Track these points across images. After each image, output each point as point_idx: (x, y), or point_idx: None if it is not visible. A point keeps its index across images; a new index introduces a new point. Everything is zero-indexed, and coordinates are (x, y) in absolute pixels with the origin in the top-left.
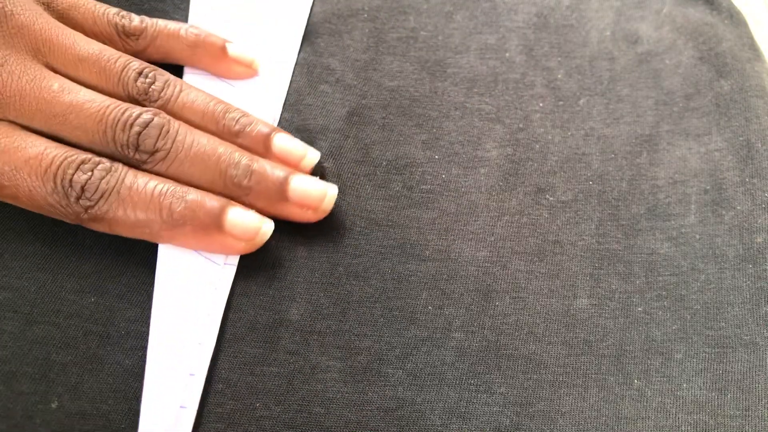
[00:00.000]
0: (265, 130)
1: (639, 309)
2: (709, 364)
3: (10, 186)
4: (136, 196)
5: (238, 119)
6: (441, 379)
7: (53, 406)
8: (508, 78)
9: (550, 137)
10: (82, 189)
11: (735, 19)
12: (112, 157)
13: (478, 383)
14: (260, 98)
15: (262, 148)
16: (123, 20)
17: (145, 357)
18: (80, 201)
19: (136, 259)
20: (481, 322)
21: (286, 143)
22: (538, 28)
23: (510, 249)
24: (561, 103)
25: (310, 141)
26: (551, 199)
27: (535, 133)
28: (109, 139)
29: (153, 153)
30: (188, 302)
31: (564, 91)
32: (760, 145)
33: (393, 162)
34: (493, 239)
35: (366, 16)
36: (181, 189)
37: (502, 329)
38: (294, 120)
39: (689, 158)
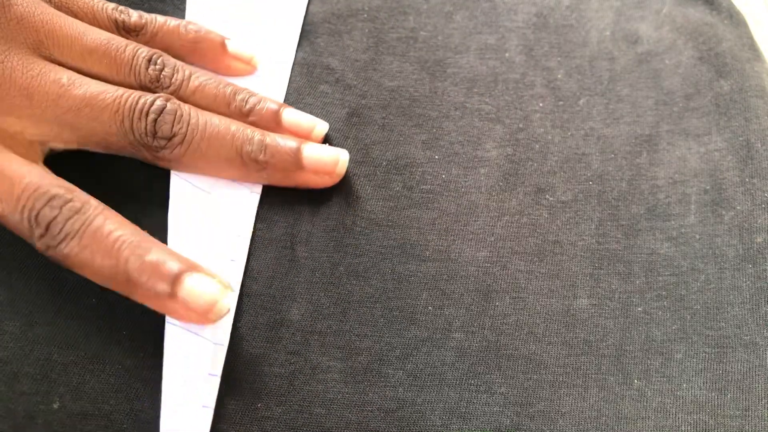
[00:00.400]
0: (274, 106)
1: (639, 309)
2: (709, 364)
3: None
4: (98, 243)
5: (248, 99)
6: (441, 380)
7: (55, 406)
8: (508, 78)
9: (550, 137)
10: (47, 227)
11: (735, 19)
12: (129, 146)
13: (479, 383)
14: None
15: (273, 123)
16: (122, 15)
17: (147, 357)
18: (43, 239)
19: None
20: (481, 323)
21: (295, 117)
22: (537, 28)
23: (510, 249)
24: (561, 103)
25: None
26: (551, 199)
27: (535, 133)
28: (128, 129)
29: (170, 138)
30: None
31: (564, 91)
32: (759, 145)
33: (393, 162)
34: (493, 239)
35: (366, 16)
36: (145, 245)
37: (502, 329)
38: None
39: (689, 158)
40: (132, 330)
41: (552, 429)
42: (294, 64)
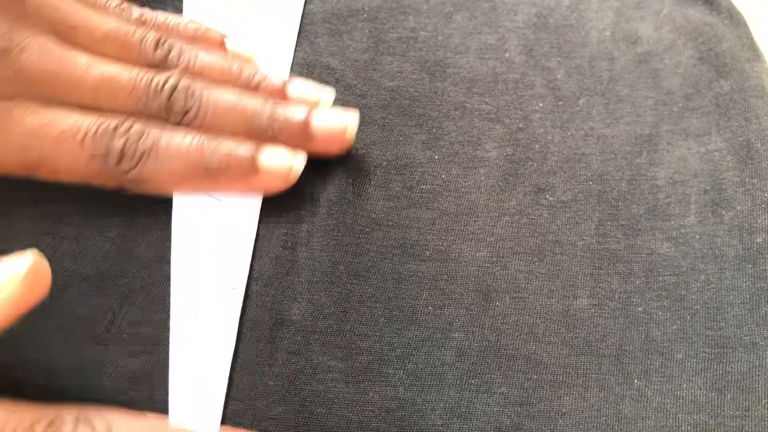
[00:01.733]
0: (279, 82)
1: (639, 309)
2: (709, 364)
3: (49, 160)
4: (174, 152)
5: (254, 74)
6: (441, 379)
7: None
8: (507, 78)
9: (549, 137)
10: (121, 154)
11: (735, 19)
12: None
13: (479, 383)
14: None
15: (279, 97)
16: (124, 13)
17: (148, 361)
18: (121, 165)
19: (137, 260)
20: (481, 322)
21: (301, 90)
22: (537, 28)
23: (510, 249)
24: (561, 103)
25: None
26: (551, 199)
27: (534, 133)
28: (142, 107)
29: (184, 114)
30: (207, 304)
31: (564, 91)
32: (759, 145)
33: (393, 162)
34: (493, 239)
35: (366, 16)
36: (214, 140)
37: (502, 329)
38: None
39: (689, 158)
40: (133, 333)
41: (552, 429)
42: (294, 63)
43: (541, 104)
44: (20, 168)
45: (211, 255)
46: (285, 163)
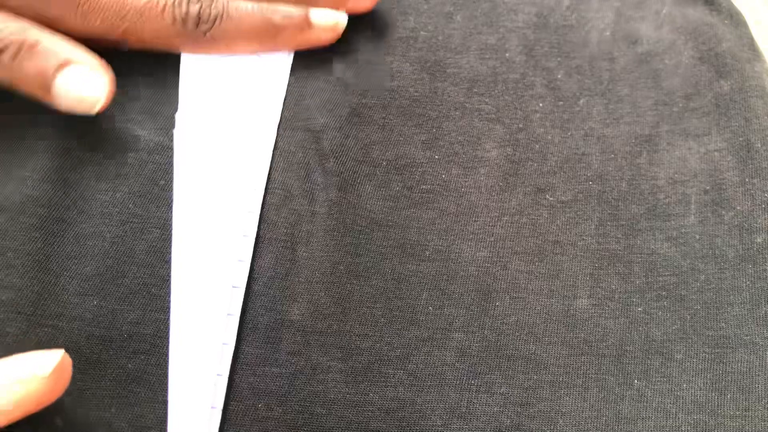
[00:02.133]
0: None
1: (639, 309)
2: (709, 364)
3: (137, 30)
4: (242, 13)
5: None
6: (441, 380)
7: (56, 418)
8: (508, 78)
9: (549, 137)
10: (198, 17)
11: (735, 19)
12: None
13: (479, 383)
14: (260, 97)
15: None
16: None
17: (147, 361)
18: (199, 27)
19: (137, 261)
20: (481, 323)
21: None
22: (538, 28)
23: (510, 249)
24: (561, 103)
25: (310, 141)
26: (551, 199)
27: (534, 133)
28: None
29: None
30: (208, 303)
31: (564, 91)
32: (760, 145)
33: (393, 162)
34: (492, 239)
35: None
36: (272, 5)
37: (502, 329)
38: (294, 120)
39: (689, 158)
40: (133, 333)
41: (552, 429)
42: (294, 63)
43: (541, 104)
44: (109, 40)
45: (211, 254)
46: (331, 17)
